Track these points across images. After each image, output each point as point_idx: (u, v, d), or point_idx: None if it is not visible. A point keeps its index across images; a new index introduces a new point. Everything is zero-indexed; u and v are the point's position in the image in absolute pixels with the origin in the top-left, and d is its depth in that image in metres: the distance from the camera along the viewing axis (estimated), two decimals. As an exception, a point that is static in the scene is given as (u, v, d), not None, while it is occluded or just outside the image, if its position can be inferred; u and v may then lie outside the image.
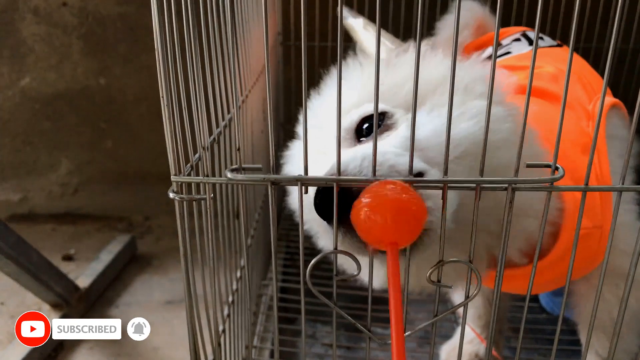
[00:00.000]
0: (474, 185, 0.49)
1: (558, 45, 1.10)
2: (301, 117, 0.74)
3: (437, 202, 0.51)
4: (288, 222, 1.67)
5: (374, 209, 0.46)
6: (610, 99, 0.88)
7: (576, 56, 1.08)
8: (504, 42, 1.11)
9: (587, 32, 1.49)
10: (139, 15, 1.70)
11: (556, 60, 0.98)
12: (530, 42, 1.07)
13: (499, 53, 1.07)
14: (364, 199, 0.47)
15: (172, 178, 0.52)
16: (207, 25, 0.60)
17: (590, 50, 1.51)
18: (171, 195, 0.52)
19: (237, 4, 0.80)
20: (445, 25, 1.12)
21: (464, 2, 1.14)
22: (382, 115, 0.65)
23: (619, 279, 0.76)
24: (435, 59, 0.70)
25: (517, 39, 1.09)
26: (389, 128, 0.64)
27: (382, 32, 0.86)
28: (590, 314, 0.82)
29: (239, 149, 0.52)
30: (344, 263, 0.61)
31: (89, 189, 1.92)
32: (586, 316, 0.85)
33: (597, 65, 1.47)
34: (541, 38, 1.09)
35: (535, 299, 1.29)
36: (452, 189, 0.50)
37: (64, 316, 1.28)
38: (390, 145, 0.58)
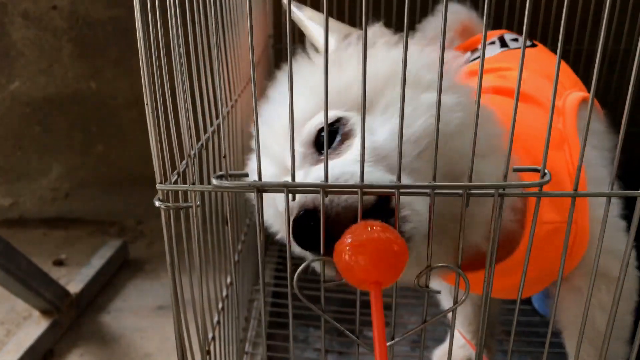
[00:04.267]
0: (462, 191, 0.48)
1: (532, 46, 1.10)
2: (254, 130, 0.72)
3: (416, 209, 0.52)
4: (281, 226, 1.66)
5: (356, 250, 0.46)
6: (580, 94, 0.86)
7: (545, 55, 1.08)
8: (480, 46, 1.11)
9: (579, 34, 1.49)
10: (130, 18, 1.67)
11: (527, 61, 0.97)
12: (503, 44, 1.07)
13: (473, 57, 1.07)
14: (345, 241, 0.47)
15: (158, 186, 0.51)
16: (194, 28, 0.60)
17: (582, 52, 1.51)
18: (157, 203, 0.52)
19: (226, 6, 0.80)
20: (427, 27, 1.11)
21: (448, 5, 1.15)
22: (338, 122, 0.61)
23: (601, 281, 0.75)
24: (381, 51, 0.66)
25: (492, 42, 1.09)
26: (348, 136, 0.60)
27: (333, 21, 0.77)
28: (571, 317, 0.81)
29: (225, 156, 0.51)
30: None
31: (80, 193, 1.91)
32: (567, 320, 0.83)
33: (589, 66, 1.46)
34: (515, 40, 1.09)
35: (527, 301, 1.28)
36: (439, 195, 0.49)
37: (54, 323, 1.26)
38: (351, 160, 0.56)
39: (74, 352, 1.24)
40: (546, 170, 0.48)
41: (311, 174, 0.58)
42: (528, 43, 1.08)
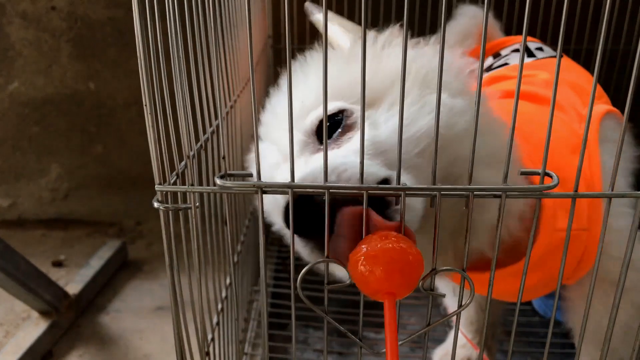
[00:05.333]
0: (467, 193, 0.48)
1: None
2: (262, 118, 0.72)
3: (411, 204, 0.52)
4: (280, 226, 1.66)
5: (370, 260, 0.46)
6: (606, 107, 0.87)
7: (573, 65, 1.08)
8: (503, 52, 1.11)
9: (578, 34, 1.49)
10: (128, 19, 1.68)
11: (549, 71, 0.98)
12: (530, 53, 1.07)
13: (498, 64, 1.07)
14: (360, 251, 0.47)
15: (157, 187, 0.51)
16: (193, 29, 0.60)
17: (581, 52, 1.51)
18: (156, 204, 0.51)
19: (224, 6, 0.79)
20: (448, 32, 1.11)
21: (467, 9, 1.14)
22: (341, 114, 0.62)
23: (610, 287, 0.76)
24: (394, 50, 0.67)
25: (517, 50, 1.09)
26: (350, 128, 0.62)
27: (351, 24, 0.83)
28: (582, 319, 0.81)
29: (224, 158, 0.51)
30: (335, 271, 0.60)
31: (79, 194, 1.91)
32: (577, 322, 0.84)
33: (588, 66, 1.47)
34: (540, 49, 1.09)
35: (528, 302, 1.28)
36: (445, 197, 0.49)
37: (53, 324, 1.26)
38: (351, 151, 0.57)
39: (73, 353, 1.24)
40: (551, 172, 0.48)
41: (310, 162, 0.59)
42: (554, 53, 1.09)
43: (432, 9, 1.51)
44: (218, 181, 0.50)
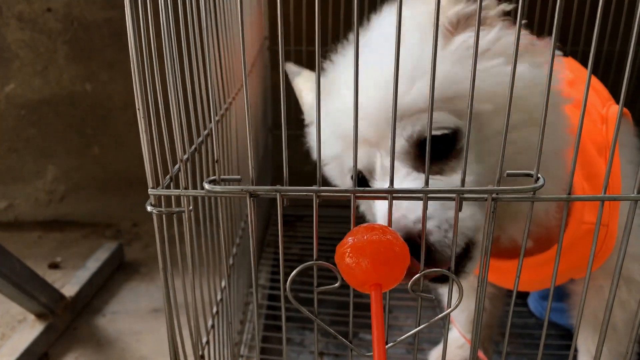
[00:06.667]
0: (454, 195, 0.48)
1: (563, 56, 1.11)
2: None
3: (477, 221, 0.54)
4: (276, 228, 1.66)
5: (356, 252, 0.46)
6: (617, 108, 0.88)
7: (579, 66, 1.09)
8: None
9: (574, 35, 1.49)
10: (125, 20, 1.68)
11: (569, 69, 0.99)
12: None
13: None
14: (346, 243, 0.47)
15: (150, 191, 0.51)
16: (187, 30, 0.59)
17: (577, 53, 1.51)
18: (149, 208, 0.51)
19: (219, 7, 0.79)
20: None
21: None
22: (454, 134, 0.57)
23: (622, 281, 0.77)
24: (522, 66, 0.59)
25: None
26: (458, 154, 0.58)
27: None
28: (590, 315, 0.82)
29: (217, 161, 0.51)
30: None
31: (75, 195, 1.91)
32: (586, 317, 0.84)
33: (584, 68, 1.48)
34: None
35: (523, 303, 1.28)
36: (432, 200, 0.49)
37: (49, 326, 1.26)
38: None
39: (69, 356, 1.24)
40: (539, 175, 0.48)
41: (407, 184, 0.59)
42: (559, 52, 1.09)
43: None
44: (206, 186, 0.50)
